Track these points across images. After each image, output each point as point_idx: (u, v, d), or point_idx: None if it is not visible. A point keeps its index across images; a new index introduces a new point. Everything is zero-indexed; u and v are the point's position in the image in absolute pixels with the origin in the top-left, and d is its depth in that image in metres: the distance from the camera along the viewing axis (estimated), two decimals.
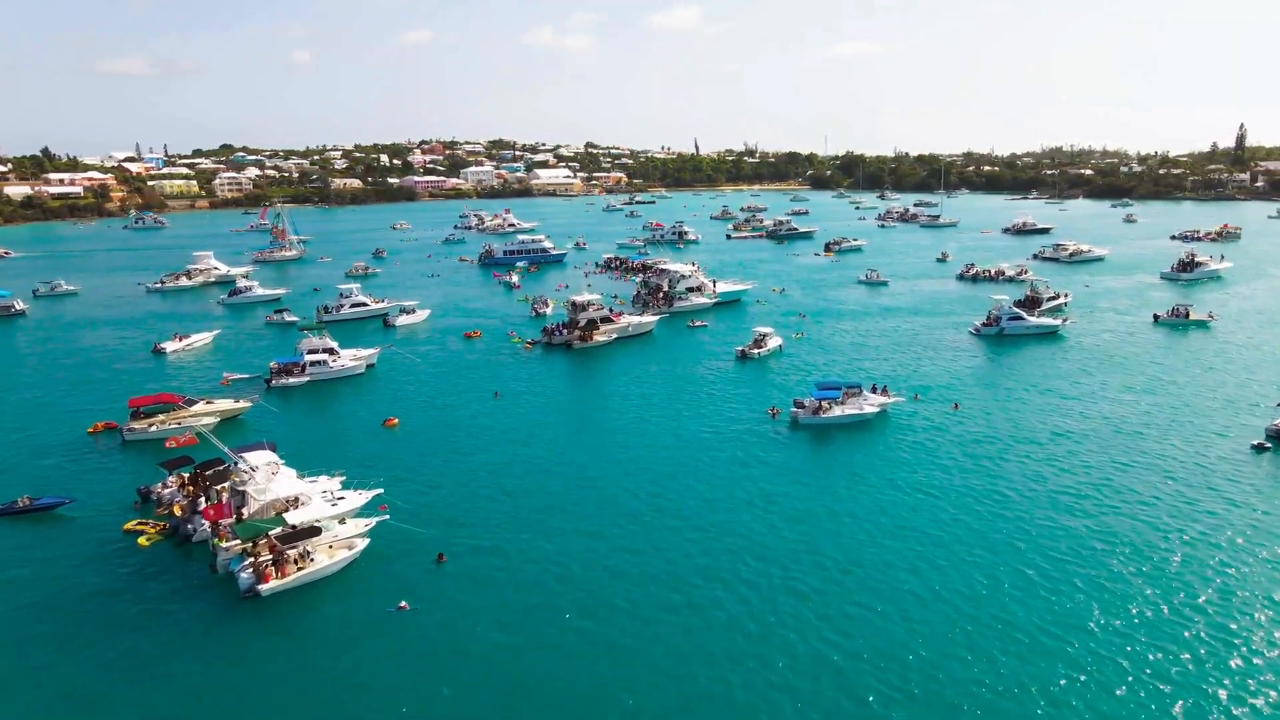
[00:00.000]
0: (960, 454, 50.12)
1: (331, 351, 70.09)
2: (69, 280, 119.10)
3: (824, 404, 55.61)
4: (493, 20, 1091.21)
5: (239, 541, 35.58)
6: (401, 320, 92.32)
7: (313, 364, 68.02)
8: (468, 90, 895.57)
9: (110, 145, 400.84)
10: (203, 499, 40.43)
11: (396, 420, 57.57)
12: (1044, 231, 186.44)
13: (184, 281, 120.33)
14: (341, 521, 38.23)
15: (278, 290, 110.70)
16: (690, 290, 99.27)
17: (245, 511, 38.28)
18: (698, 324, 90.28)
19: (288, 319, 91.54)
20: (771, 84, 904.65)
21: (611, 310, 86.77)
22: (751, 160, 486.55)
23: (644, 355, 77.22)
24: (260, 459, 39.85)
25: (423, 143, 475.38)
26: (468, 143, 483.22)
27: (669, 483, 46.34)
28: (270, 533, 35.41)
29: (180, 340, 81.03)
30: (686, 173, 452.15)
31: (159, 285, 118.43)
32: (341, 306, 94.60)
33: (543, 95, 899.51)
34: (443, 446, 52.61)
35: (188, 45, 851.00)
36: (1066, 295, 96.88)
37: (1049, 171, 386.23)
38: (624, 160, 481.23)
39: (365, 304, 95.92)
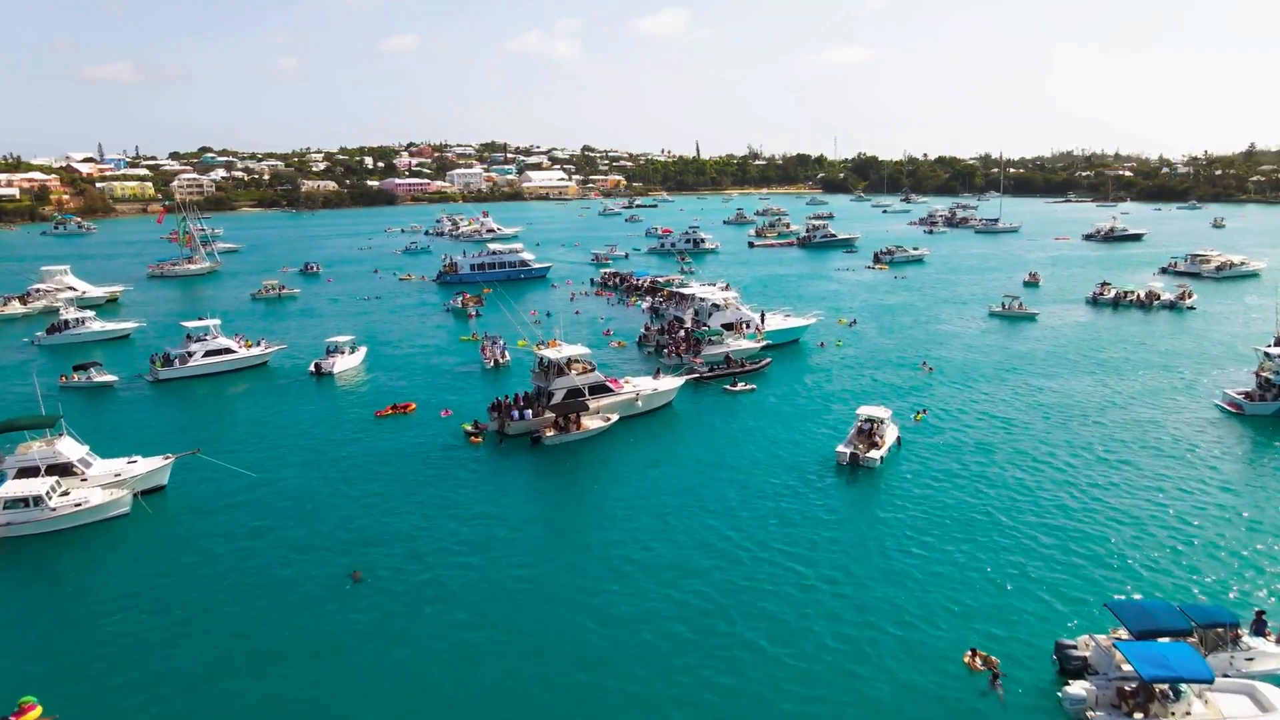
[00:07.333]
0: None
1: (67, 471, 36.66)
2: None
3: (1160, 692, 21.82)
4: (478, 27, 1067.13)
5: None
6: (339, 365, 60.21)
7: (14, 503, 34.42)
8: (459, 98, 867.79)
9: (92, 151, 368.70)
10: None
11: (39, 709, 23.27)
12: (1135, 238, 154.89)
13: (14, 308, 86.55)
14: None
15: (125, 324, 76.74)
16: (727, 328, 65.76)
17: None
18: (739, 388, 56.65)
19: (96, 379, 57.93)
20: (768, 89, 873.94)
21: (589, 356, 53.52)
22: (758, 163, 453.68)
23: (661, 460, 43.35)
24: None
25: (410, 145, 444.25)
26: (458, 145, 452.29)
27: None
28: None
29: None
30: (689, 175, 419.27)
31: None
32: (191, 356, 61.21)
33: (537, 102, 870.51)
34: None
35: (174, 52, 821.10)
36: None
37: (1083, 174, 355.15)
38: (622, 163, 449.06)
39: (230, 350, 62.41)
